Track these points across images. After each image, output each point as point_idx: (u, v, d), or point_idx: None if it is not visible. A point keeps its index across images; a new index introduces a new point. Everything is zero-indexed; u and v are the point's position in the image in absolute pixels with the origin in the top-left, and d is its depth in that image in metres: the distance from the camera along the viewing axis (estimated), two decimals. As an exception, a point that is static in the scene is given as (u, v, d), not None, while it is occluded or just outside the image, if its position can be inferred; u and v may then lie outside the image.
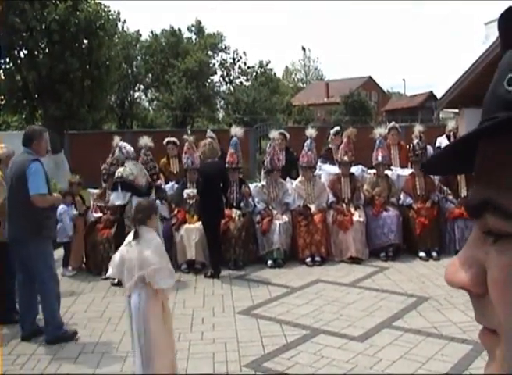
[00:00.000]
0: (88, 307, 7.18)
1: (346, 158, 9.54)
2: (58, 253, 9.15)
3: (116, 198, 8.29)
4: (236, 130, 9.78)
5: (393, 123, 11.23)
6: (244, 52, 48.10)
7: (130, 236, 4.71)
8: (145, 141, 9.37)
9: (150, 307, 4.46)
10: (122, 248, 4.71)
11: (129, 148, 8.51)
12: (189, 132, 10.24)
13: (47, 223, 5.98)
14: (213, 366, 5.25)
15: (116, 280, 7.94)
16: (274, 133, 10.21)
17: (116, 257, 4.68)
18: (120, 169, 8.18)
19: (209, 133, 10.61)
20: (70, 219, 8.66)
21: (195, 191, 9.02)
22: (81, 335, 6.14)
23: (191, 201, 9.09)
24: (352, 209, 9.32)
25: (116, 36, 20.67)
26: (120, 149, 8.40)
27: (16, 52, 16.56)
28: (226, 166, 9.47)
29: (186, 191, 9.28)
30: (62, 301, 7.25)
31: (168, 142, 10.52)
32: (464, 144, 0.58)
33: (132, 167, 8.20)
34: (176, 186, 9.61)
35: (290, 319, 6.41)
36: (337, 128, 11.14)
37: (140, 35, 44.92)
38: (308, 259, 8.99)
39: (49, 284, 5.97)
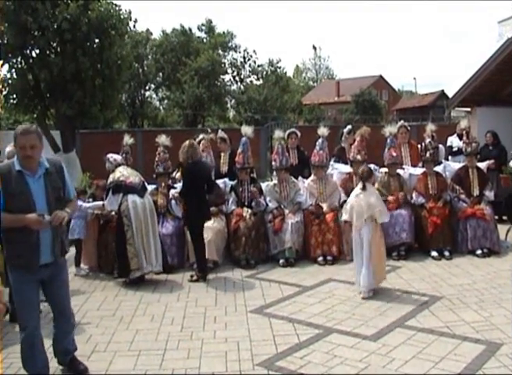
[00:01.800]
0: (100, 306, 7.20)
1: (359, 156, 9.52)
2: (70, 252, 9.18)
3: (109, 204, 8.32)
4: (246, 130, 9.77)
5: (402, 121, 11.17)
6: (254, 51, 47.72)
7: (357, 189, 7.35)
8: (163, 139, 9.40)
9: (373, 235, 7.12)
10: (351, 198, 7.36)
11: (116, 156, 8.61)
12: (209, 130, 10.32)
13: (10, 249, 4.75)
14: (226, 365, 5.25)
15: (128, 280, 8.02)
16: (278, 133, 10.13)
17: (348, 206, 7.38)
18: (111, 176, 8.24)
19: (220, 133, 10.62)
20: (83, 217, 8.67)
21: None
22: (94, 334, 6.17)
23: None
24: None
25: (127, 35, 20.60)
26: (108, 160, 8.48)
27: (28, 52, 16.60)
28: (237, 166, 9.50)
29: (171, 192, 9.27)
30: (75, 299, 7.28)
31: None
32: None
33: (121, 170, 8.28)
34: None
35: (303, 318, 6.40)
36: (350, 127, 11.10)
37: (151, 34, 44.97)
38: (320, 258, 8.98)
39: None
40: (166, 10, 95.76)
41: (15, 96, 17.18)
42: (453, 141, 12.72)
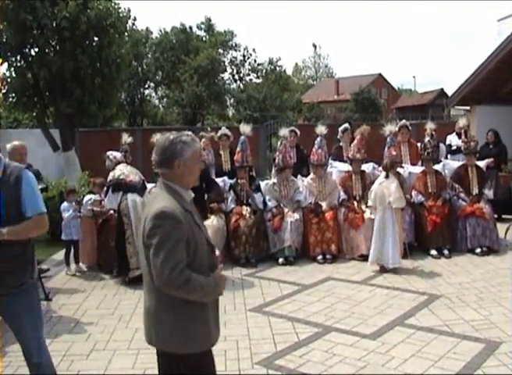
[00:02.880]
0: (100, 304, 7.18)
1: (358, 155, 9.50)
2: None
3: (109, 202, 8.32)
4: (245, 128, 9.75)
5: (404, 121, 11.14)
6: (254, 50, 47.74)
7: (381, 178, 8.30)
8: (157, 138, 9.37)
9: (393, 217, 8.09)
10: (375, 186, 8.29)
11: (116, 153, 8.64)
12: (208, 129, 10.30)
13: None
14: (225, 364, 5.24)
15: (127, 278, 8.00)
16: (285, 131, 10.19)
17: (372, 194, 8.26)
18: (111, 174, 8.26)
19: (224, 130, 10.56)
20: (75, 217, 8.64)
21: None
22: (93, 332, 6.16)
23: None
24: (363, 207, 9.28)
25: (126, 33, 20.56)
26: (108, 157, 8.52)
27: (27, 50, 16.57)
28: (236, 164, 9.48)
29: None
30: (74, 297, 7.30)
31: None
32: None
33: (122, 168, 8.30)
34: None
35: (302, 317, 6.40)
36: (346, 125, 11.07)
37: (151, 32, 44.94)
38: (319, 257, 8.98)
39: None
40: (166, 9, 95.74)
41: (14, 95, 17.14)
42: (452, 140, 12.71)
